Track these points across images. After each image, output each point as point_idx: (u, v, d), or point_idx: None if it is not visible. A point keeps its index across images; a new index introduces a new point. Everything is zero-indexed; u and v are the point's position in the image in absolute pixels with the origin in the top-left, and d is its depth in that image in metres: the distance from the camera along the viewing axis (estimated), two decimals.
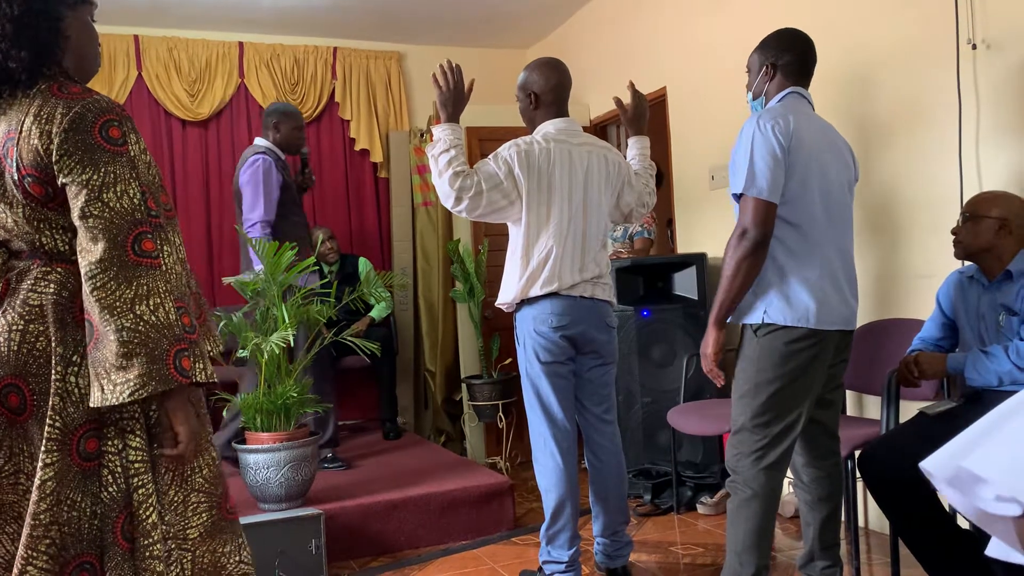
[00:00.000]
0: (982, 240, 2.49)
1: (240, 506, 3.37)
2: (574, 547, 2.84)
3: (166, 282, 1.53)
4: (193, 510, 1.63)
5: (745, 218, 2.29)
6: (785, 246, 2.34)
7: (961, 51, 2.92)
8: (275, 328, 3.46)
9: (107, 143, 1.51)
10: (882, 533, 3.23)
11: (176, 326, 1.51)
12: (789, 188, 2.31)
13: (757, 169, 2.27)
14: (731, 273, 2.31)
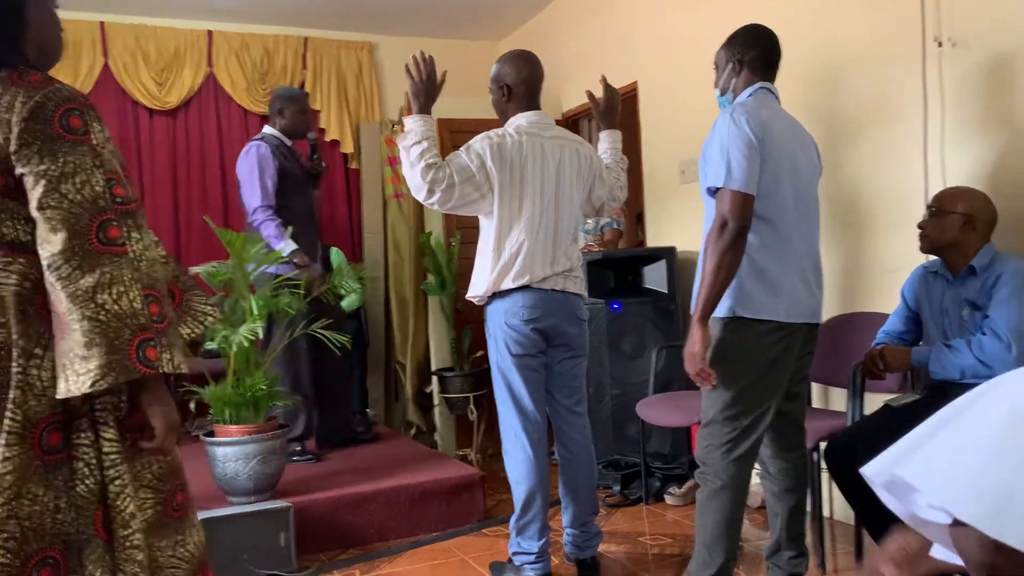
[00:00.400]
0: (948, 235, 2.53)
1: (208, 499, 3.35)
2: (544, 538, 2.86)
3: (133, 270, 1.50)
4: (139, 506, 1.61)
5: (724, 210, 2.28)
6: (758, 239, 2.36)
7: (927, 49, 2.96)
8: (244, 320, 3.44)
9: (68, 133, 1.49)
10: (847, 523, 3.28)
11: (141, 315, 1.49)
12: (762, 182, 2.32)
13: (733, 162, 2.28)
14: (714, 267, 2.28)
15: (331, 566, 3.23)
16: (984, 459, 0.89)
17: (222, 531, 3.02)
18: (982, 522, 0.85)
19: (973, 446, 0.91)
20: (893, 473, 0.96)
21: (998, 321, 2.39)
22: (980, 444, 0.91)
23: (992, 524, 0.85)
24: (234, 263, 3.45)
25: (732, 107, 2.38)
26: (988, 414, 0.93)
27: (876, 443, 2.63)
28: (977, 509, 0.86)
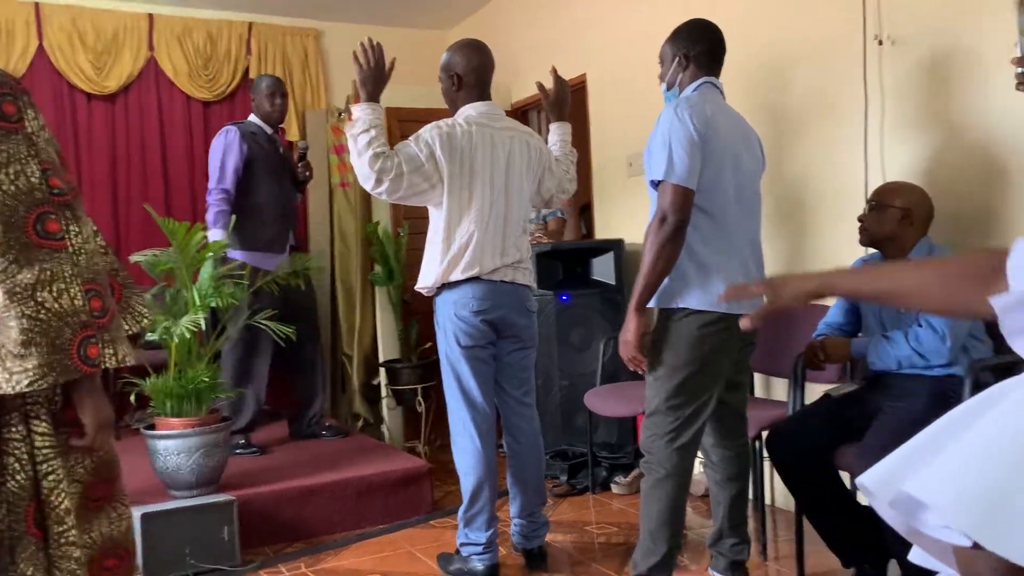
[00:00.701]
0: (886, 228, 2.60)
1: (149, 493, 3.28)
2: (491, 529, 2.87)
3: (73, 264, 1.46)
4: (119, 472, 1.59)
5: (664, 204, 2.32)
6: (699, 233, 2.39)
7: (868, 47, 3.03)
8: (186, 311, 3.37)
9: (0, 120, 1.43)
10: (787, 511, 3.35)
11: (83, 312, 1.44)
12: (704, 177, 2.36)
13: (675, 156, 2.31)
14: (652, 258, 2.33)
15: (276, 560, 3.19)
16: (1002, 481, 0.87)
17: (164, 525, 2.97)
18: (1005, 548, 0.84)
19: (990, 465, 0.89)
20: (901, 490, 0.95)
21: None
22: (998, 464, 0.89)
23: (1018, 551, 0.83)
24: (175, 252, 3.38)
25: (676, 102, 2.41)
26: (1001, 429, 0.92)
27: (816, 432, 2.70)
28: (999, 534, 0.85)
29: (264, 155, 4.02)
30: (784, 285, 1.38)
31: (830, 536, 2.62)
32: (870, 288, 1.29)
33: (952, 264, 1.19)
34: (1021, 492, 0.85)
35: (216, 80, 5.33)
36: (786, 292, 1.37)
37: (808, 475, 2.57)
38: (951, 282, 1.16)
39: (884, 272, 1.28)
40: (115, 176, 5.13)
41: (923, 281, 1.20)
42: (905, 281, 1.22)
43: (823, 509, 2.61)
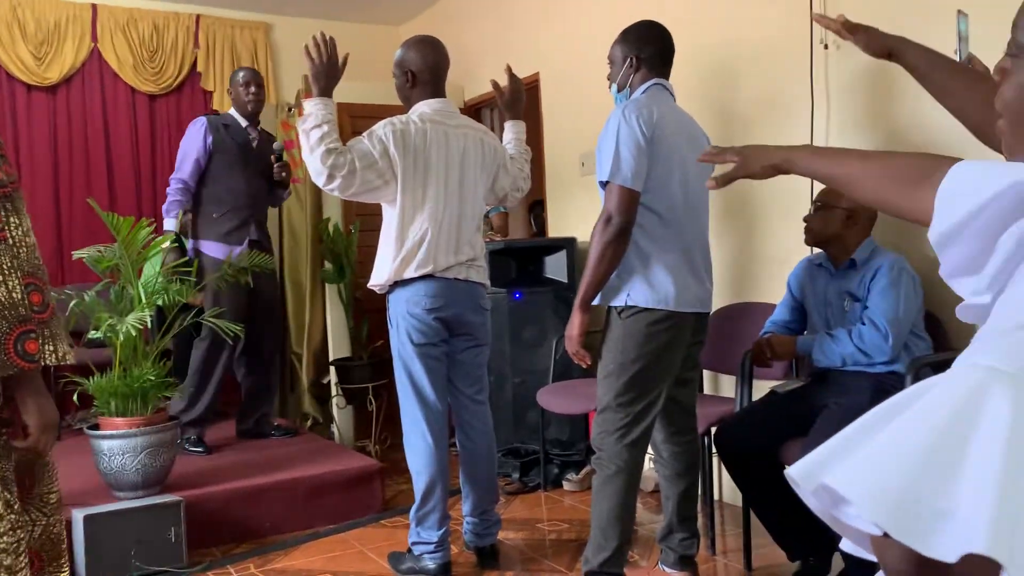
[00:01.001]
0: (831, 229, 2.66)
1: (93, 494, 3.21)
2: (444, 527, 2.86)
3: (13, 257, 1.42)
4: (54, 476, 1.55)
5: (610, 205, 2.36)
6: (647, 232, 2.43)
7: (815, 51, 3.09)
8: (131, 308, 3.30)
9: None
10: (735, 506, 3.41)
11: (21, 305, 1.40)
12: (652, 176, 2.40)
13: (622, 158, 2.34)
14: (597, 257, 2.38)
15: (224, 561, 3.15)
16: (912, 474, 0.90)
17: (107, 527, 2.91)
18: (912, 538, 0.87)
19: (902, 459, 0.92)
20: (823, 483, 0.98)
21: (876, 312, 2.53)
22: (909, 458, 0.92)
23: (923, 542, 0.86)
24: (120, 248, 3.31)
25: (625, 104, 2.44)
26: (919, 423, 0.95)
27: (762, 427, 2.75)
28: (907, 525, 0.88)
29: (231, 147, 3.97)
30: (752, 155, 1.47)
31: (776, 530, 2.67)
32: (824, 171, 1.35)
33: (896, 163, 1.23)
34: (929, 485, 0.89)
35: (162, 73, 5.22)
36: (753, 162, 1.46)
37: (755, 470, 2.62)
38: (887, 181, 1.22)
39: (838, 158, 1.34)
40: (57, 170, 5.00)
41: (866, 174, 1.26)
42: (852, 170, 1.28)
43: (769, 503, 2.66)
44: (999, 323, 1.01)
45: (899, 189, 1.19)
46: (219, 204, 3.97)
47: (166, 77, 5.23)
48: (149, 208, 5.14)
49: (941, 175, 1.11)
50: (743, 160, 1.48)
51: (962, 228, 1.06)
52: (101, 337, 3.30)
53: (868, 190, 1.26)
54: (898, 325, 2.50)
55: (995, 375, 0.93)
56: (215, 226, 3.95)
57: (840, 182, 1.31)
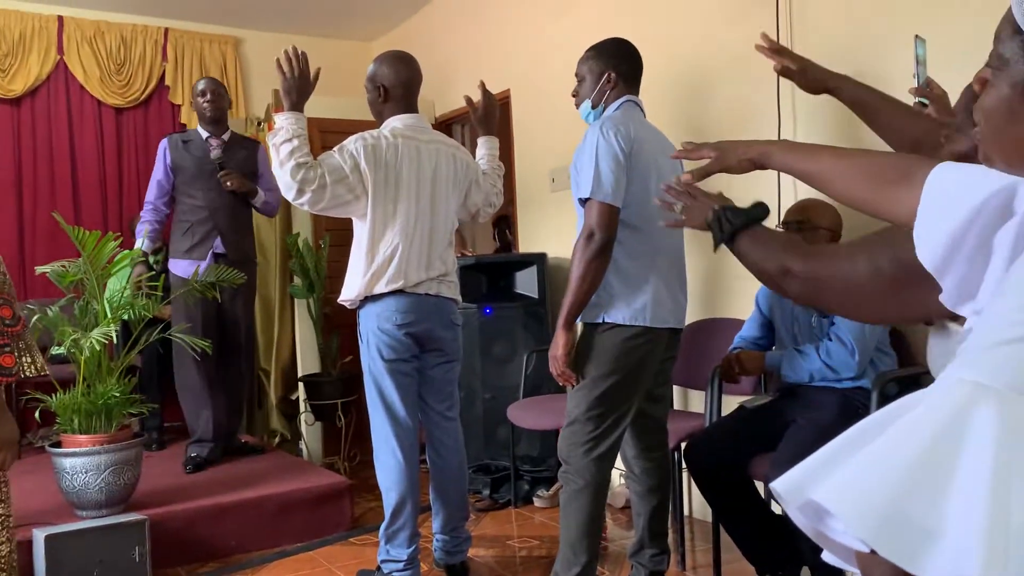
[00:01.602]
0: None
1: (54, 513, 3.15)
2: (413, 545, 2.84)
3: None
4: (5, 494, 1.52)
5: (591, 221, 2.36)
6: (624, 248, 2.44)
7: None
8: (96, 323, 3.24)
9: None
10: (705, 521, 3.42)
11: None
12: (630, 192, 2.41)
13: (603, 174, 2.34)
14: (580, 275, 2.36)
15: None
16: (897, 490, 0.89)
17: (70, 547, 2.84)
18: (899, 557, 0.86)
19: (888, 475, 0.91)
20: (808, 498, 0.98)
21: (843, 328, 2.56)
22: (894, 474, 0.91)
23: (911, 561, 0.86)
24: (85, 263, 3.26)
25: (602, 121, 2.45)
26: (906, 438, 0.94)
27: (732, 442, 2.76)
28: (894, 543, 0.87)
29: (189, 163, 3.94)
30: (729, 149, 1.47)
31: (745, 544, 2.69)
32: (799, 167, 1.34)
33: (872, 161, 1.22)
34: (916, 502, 0.88)
35: (130, 86, 5.18)
36: (730, 155, 1.46)
37: (724, 485, 2.63)
38: (863, 179, 1.21)
39: (814, 153, 1.33)
40: (20, 183, 4.93)
41: (842, 171, 1.25)
42: (828, 166, 1.28)
43: (738, 518, 2.67)
44: (983, 338, 1.01)
45: (875, 187, 1.18)
46: (182, 221, 3.95)
47: (133, 90, 5.19)
48: (115, 222, 5.08)
49: (920, 177, 1.10)
50: (720, 154, 1.48)
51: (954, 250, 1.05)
52: (64, 353, 3.24)
53: (843, 187, 1.25)
54: (864, 341, 2.53)
55: (981, 391, 0.93)
56: (180, 243, 3.93)
57: (815, 177, 1.31)
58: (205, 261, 3.88)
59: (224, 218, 3.96)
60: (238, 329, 4.07)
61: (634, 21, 3.72)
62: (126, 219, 5.10)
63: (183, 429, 4.93)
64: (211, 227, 3.93)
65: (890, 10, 2.80)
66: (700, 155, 1.53)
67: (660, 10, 3.66)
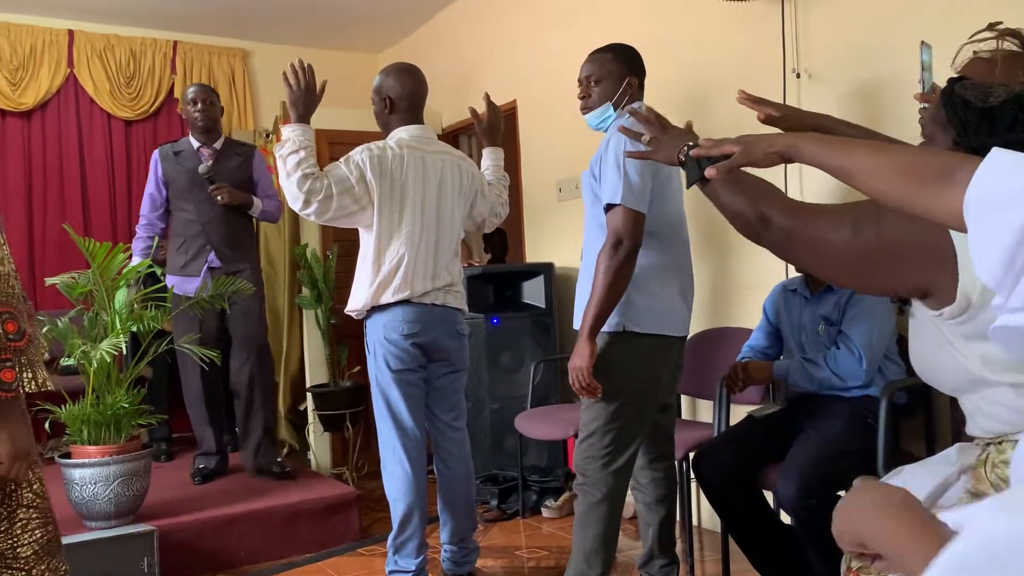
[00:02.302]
0: None
1: (63, 524, 3.14)
2: (421, 555, 2.84)
3: None
4: (23, 527, 1.50)
5: (619, 228, 2.31)
6: (645, 255, 2.39)
7: (787, 79, 3.14)
8: (105, 335, 3.26)
9: None
10: (714, 531, 3.41)
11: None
12: (656, 199, 2.39)
13: (631, 180, 2.31)
14: (608, 283, 2.30)
15: None
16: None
17: (79, 558, 2.84)
18: None
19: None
20: None
21: (851, 336, 2.55)
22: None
23: None
24: (94, 274, 3.27)
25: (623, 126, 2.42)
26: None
27: (740, 452, 2.75)
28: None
29: (181, 175, 3.87)
30: (754, 143, 1.38)
31: (754, 555, 2.67)
32: (831, 162, 1.26)
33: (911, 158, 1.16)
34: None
35: (139, 99, 5.21)
36: (756, 149, 1.37)
37: (733, 495, 2.62)
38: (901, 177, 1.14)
39: (847, 148, 1.25)
40: (31, 196, 4.97)
41: (878, 167, 1.18)
42: (863, 162, 1.21)
43: (747, 528, 2.66)
44: None
45: (913, 186, 1.11)
46: (177, 235, 3.89)
47: (143, 103, 5.22)
48: (124, 234, 5.11)
49: (962, 177, 1.02)
50: (744, 148, 1.39)
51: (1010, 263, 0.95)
52: (74, 364, 3.25)
53: (878, 184, 1.18)
54: (872, 349, 2.52)
55: None
56: (176, 259, 3.87)
57: (848, 173, 1.23)
58: (199, 277, 3.80)
59: (217, 231, 3.84)
60: (249, 344, 3.91)
61: (639, 31, 3.73)
62: (135, 231, 5.13)
63: (192, 439, 4.95)
64: (204, 242, 3.84)
65: (896, 16, 2.80)
66: (722, 150, 1.44)
67: (666, 19, 3.66)
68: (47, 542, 1.53)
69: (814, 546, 2.39)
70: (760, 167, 1.39)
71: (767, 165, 1.39)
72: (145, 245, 3.92)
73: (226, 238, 3.87)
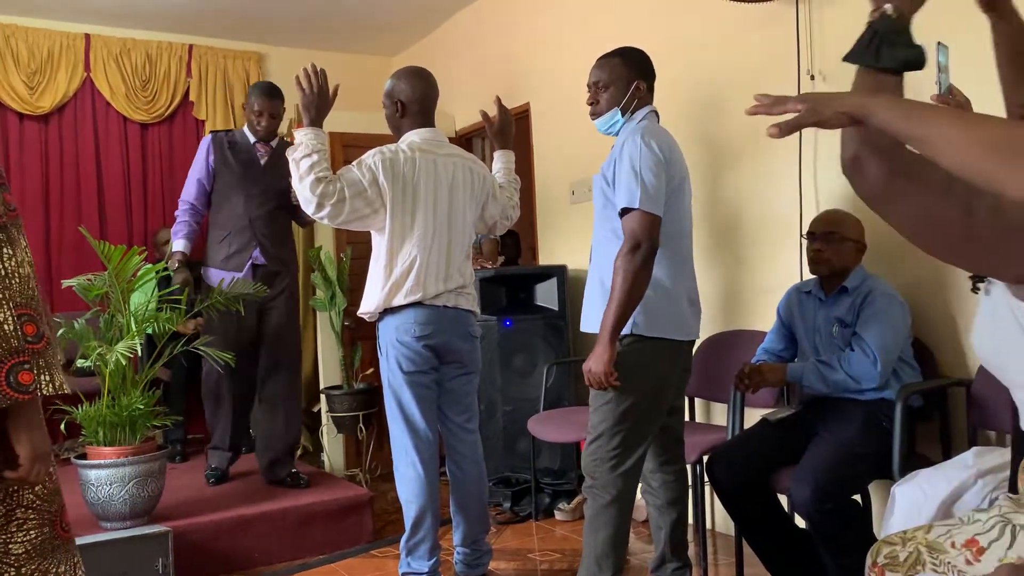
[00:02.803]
0: (846, 260, 2.67)
1: (78, 525, 3.17)
2: (434, 557, 2.84)
3: (4, 288, 1.41)
4: (19, 525, 1.51)
5: (636, 232, 2.32)
6: (658, 259, 2.40)
7: (802, 81, 3.13)
8: (120, 336, 3.28)
9: None
10: (728, 535, 3.39)
11: (13, 337, 1.39)
12: (667, 201, 2.39)
13: (647, 183, 2.32)
14: (628, 286, 2.30)
15: None
16: None
17: (95, 558, 2.86)
18: None
19: None
20: None
21: (866, 339, 2.54)
22: None
23: None
24: (110, 276, 3.30)
25: (638, 130, 2.41)
26: None
27: (754, 456, 2.74)
28: None
29: (233, 167, 3.77)
30: (822, 100, 1.28)
31: (768, 558, 2.66)
32: (908, 130, 1.16)
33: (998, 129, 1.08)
34: None
35: (155, 102, 5.25)
36: (824, 107, 1.27)
37: (747, 499, 2.61)
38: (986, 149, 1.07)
39: (926, 116, 1.16)
40: (47, 198, 5.01)
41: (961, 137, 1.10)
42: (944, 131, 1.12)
43: (761, 531, 2.65)
44: None
45: (999, 161, 1.04)
46: (221, 228, 3.80)
47: (158, 106, 5.26)
48: (140, 236, 5.15)
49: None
50: (811, 106, 1.28)
51: None
52: (90, 365, 3.27)
53: (958, 156, 1.09)
54: (887, 351, 2.51)
55: None
56: (218, 251, 3.80)
57: (925, 142, 1.14)
58: (242, 272, 3.73)
59: (264, 227, 3.78)
60: (279, 343, 3.82)
61: (653, 33, 3.73)
62: (151, 233, 5.16)
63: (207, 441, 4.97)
64: (250, 236, 3.75)
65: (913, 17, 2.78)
66: (785, 109, 1.33)
67: (680, 21, 3.66)
68: (40, 543, 1.54)
69: (829, 550, 2.38)
70: (829, 127, 1.28)
71: (836, 126, 1.28)
72: (189, 230, 3.83)
73: (272, 236, 3.80)
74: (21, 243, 1.48)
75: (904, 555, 1.53)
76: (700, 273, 3.29)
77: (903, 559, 1.52)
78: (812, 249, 2.71)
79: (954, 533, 1.50)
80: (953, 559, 1.46)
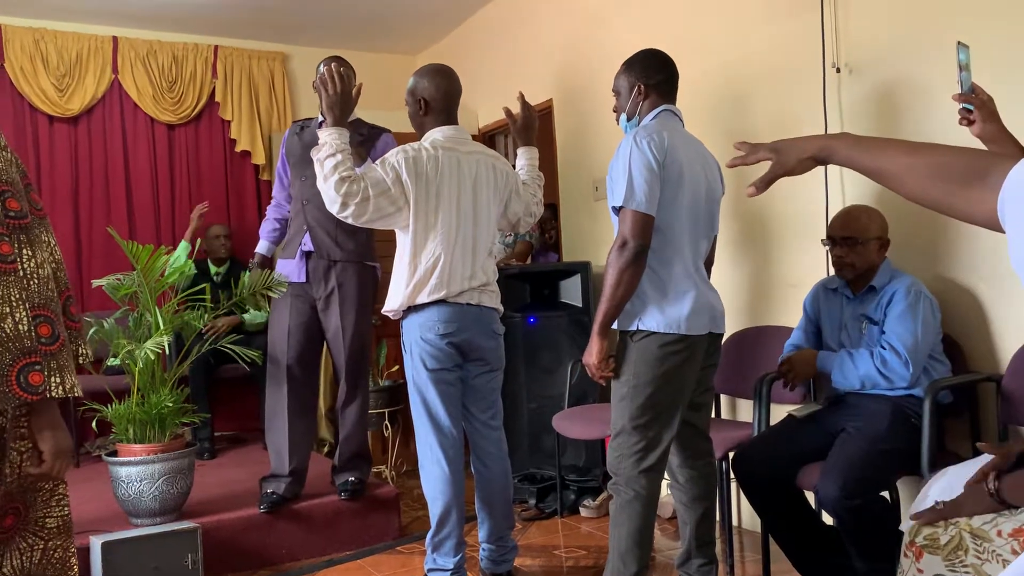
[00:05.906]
0: (870, 260, 2.64)
1: (109, 521, 3.22)
2: (459, 554, 2.85)
3: (22, 288, 1.42)
4: (58, 501, 1.57)
5: (624, 230, 2.37)
6: (657, 255, 2.43)
7: (827, 74, 3.10)
8: (149, 334, 3.32)
9: None
10: (754, 531, 3.37)
11: (27, 337, 1.40)
12: (662, 200, 2.41)
13: (636, 183, 2.35)
14: (614, 283, 2.38)
15: None
16: None
17: (125, 554, 2.91)
18: None
19: None
20: None
21: (895, 339, 2.50)
22: None
23: None
24: (139, 276, 3.34)
25: (635, 130, 2.45)
26: None
27: (780, 452, 2.73)
28: None
29: (297, 150, 3.51)
30: (786, 150, 1.34)
31: (795, 555, 2.64)
32: (866, 164, 1.22)
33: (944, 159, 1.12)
34: None
35: (181, 103, 5.30)
36: (789, 157, 1.33)
37: (773, 495, 2.59)
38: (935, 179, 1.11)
39: (881, 149, 1.21)
40: (77, 199, 5.08)
41: (913, 169, 1.15)
42: (897, 164, 1.17)
43: (787, 528, 2.63)
44: None
45: (949, 188, 1.09)
46: (289, 216, 3.63)
47: (185, 107, 5.31)
48: (168, 236, 5.21)
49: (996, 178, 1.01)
50: (778, 157, 1.36)
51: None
52: (119, 364, 3.32)
53: (914, 186, 1.15)
54: (917, 351, 2.48)
55: None
56: (286, 240, 3.63)
57: (884, 175, 1.20)
58: (295, 259, 3.47)
59: (316, 211, 3.34)
60: (338, 345, 3.47)
61: (676, 27, 3.71)
62: (179, 233, 5.21)
63: (234, 438, 5.03)
64: (302, 221, 3.47)
65: (934, 15, 2.75)
66: (758, 158, 1.42)
67: (703, 15, 3.63)
68: (65, 522, 1.61)
69: (856, 546, 2.36)
70: (795, 175, 1.35)
71: (802, 172, 1.34)
72: (272, 227, 3.72)
73: (323, 221, 3.38)
74: (44, 243, 1.50)
75: (946, 539, 1.51)
76: (726, 269, 3.28)
77: (944, 542, 1.51)
78: (834, 254, 2.69)
79: (1000, 522, 1.48)
80: (999, 547, 1.44)
